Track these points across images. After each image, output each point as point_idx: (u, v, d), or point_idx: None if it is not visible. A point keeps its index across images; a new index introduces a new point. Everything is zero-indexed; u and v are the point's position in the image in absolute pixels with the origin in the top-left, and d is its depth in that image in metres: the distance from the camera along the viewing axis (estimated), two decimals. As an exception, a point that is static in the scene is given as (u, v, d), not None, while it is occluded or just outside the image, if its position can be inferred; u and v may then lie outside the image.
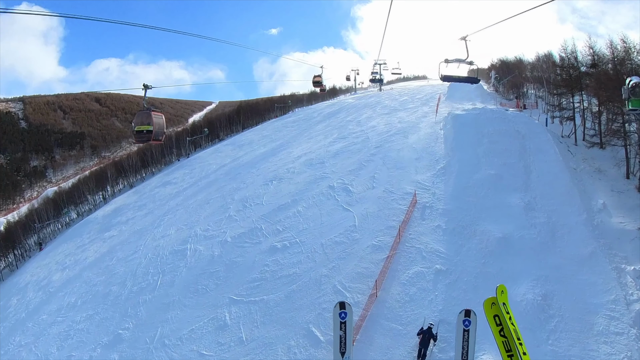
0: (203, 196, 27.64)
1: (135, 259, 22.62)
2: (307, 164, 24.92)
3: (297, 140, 34.75)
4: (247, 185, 25.51)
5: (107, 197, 46.58)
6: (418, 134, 25.31)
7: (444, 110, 31.98)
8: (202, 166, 38.45)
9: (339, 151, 25.69)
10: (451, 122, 23.50)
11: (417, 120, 29.54)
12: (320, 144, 29.42)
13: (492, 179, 17.18)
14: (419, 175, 18.85)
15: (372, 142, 25.61)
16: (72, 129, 69.29)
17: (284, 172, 25.05)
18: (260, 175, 26.71)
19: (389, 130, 27.80)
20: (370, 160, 22.19)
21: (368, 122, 32.78)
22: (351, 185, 19.49)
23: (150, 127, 12.28)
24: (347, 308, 9.12)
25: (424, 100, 39.50)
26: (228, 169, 32.81)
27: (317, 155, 26.26)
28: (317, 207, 18.32)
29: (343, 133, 30.96)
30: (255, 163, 31.18)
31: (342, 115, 40.33)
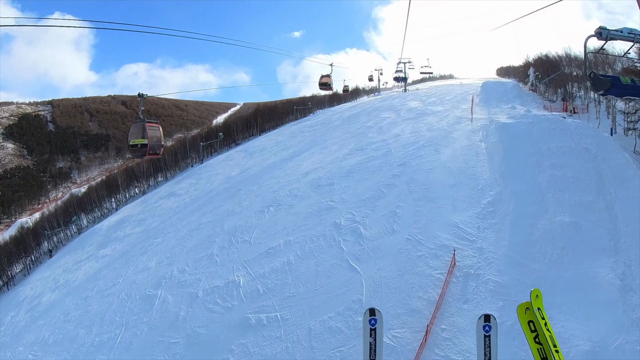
0: (196, 218, 22.72)
1: (111, 294, 18.19)
2: (314, 185, 19.34)
3: (310, 150, 29.22)
4: (242, 209, 20.26)
5: (120, 204, 43.13)
6: (452, 148, 19.10)
7: (480, 115, 25.44)
8: (209, 176, 33.69)
9: (354, 168, 19.91)
10: (496, 134, 17.13)
11: (449, 128, 23.22)
12: (334, 157, 23.72)
13: (567, 231, 10.92)
14: (457, 215, 12.83)
15: (395, 157, 19.64)
16: (97, 131, 66.72)
17: (285, 194, 19.60)
18: (259, 195, 21.39)
19: (415, 141, 21.70)
20: (391, 185, 16.29)
21: (391, 129, 26.72)
22: (363, 224, 13.74)
23: (145, 140, 11.03)
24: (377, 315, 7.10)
25: (454, 102, 32.88)
26: (232, 183, 27.76)
27: (327, 173, 20.61)
28: (314, 258, 12.72)
29: (361, 143, 25.10)
30: (260, 177, 25.93)
31: (362, 120, 34.36)
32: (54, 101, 68.92)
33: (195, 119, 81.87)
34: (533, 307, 5.84)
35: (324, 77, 20.52)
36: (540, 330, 5.77)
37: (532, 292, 5.87)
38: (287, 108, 56.40)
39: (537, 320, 5.77)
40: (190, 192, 31.49)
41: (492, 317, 6.48)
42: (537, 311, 5.81)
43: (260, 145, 39.71)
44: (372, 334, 6.84)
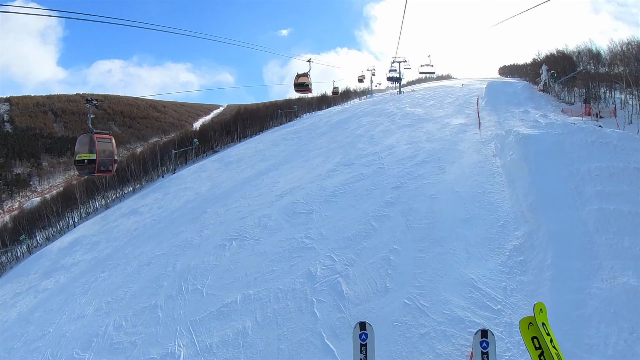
0: (151, 247, 19.35)
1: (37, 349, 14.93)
2: (289, 212, 16.05)
3: (290, 162, 26.03)
4: (202, 240, 16.91)
5: (82, 218, 39.33)
6: (460, 164, 15.99)
7: (489, 121, 22.47)
8: (177, 191, 30.30)
9: (338, 190, 16.68)
10: (517, 149, 14.00)
11: (454, 138, 20.16)
12: (316, 173, 20.51)
13: (636, 300, 7.85)
14: (473, 266, 9.64)
15: (389, 176, 16.46)
16: (63, 133, 62.21)
17: (253, 223, 16.28)
18: (224, 222, 18.07)
19: (413, 155, 18.56)
20: (384, 217, 13.06)
21: (384, 139, 23.60)
22: (346, 276, 10.49)
23: (92, 155, 9.90)
24: (368, 329, 6.41)
25: (456, 105, 29.95)
26: (199, 202, 24.42)
27: (305, 195, 17.35)
28: (277, 328, 9.41)
29: (349, 155, 21.93)
30: (230, 195, 22.64)
31: (351, 126, 31.25)
32: (12, 98, 63.78)
33: (174, 121, 78.10)
34: (537, 322, 5.49)
35: (300, 76, 17.27)
36: (545, 347, 5.45)
37: (536, 306, 5.52)
38: (271, 112, 53.16)
39: (542, 336, 5.42)
40: (153, 210, 28.12)
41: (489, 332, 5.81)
42: (542, 326, 5.46)
43: (238, 155, 36.51)
44: (362, 350, 6.47)
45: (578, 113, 22.56)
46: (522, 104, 25.49)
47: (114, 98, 69.01)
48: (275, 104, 57.75)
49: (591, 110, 21.70)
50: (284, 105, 55.19)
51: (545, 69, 28.30)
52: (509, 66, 54.02)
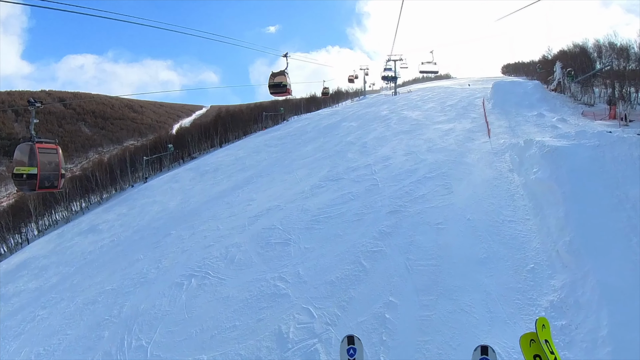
0: (100, 280, 16.83)
1: None
2: (262, 242, 13.68)
3: (270, 174, 23.71)
4: (158, 274, 14.48)
5: (41, 232, 36.44)
6: (469, 182, 13.81)
7: (499, 127, 20.45)
8: (144, 206, 27.76)
9: (322, 213, 14.37)
10: (543, 165, 11.85)
11: (460, 148, 18.05)
12: (298, 189, 18.21)
13: None
14: (497, 334, 7.37)
15: (384, 197, 14.21)
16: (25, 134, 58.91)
17: (219, 254, 13.87)
18: (186, 251, 15.64)
19: (413, 169, 16.36)
20: (377, 254, 10.78)
21: (378, 148, 21.42)
22: (327, 343, 8.14)
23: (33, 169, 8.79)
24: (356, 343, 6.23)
25: (459, 108, 27.96)
26: (164, 221, 21.96)
27: (283, 219, 14.99)
28: None
29: (337, 168, 19.69)
30: (199, 214, 20.22)
31: (341, 132, 29.08)
32: (-36, 94, 60.43)
33: (152, 123, 75.23)
34: (539, 338, 4.98)
35: (276, 75, 14.89)
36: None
37: (538, 322, 4.98)
38: (255, 114, 50.73)
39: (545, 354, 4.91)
40: (114, 228, 25.55)
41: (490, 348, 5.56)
42: (545, 344, 4.97)
43: (216, 162, 34.08)
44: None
45: (601, 116, 20.61)
46: (535, 106, 23.54)
47: (86, 96, 65.83)
48: (261, 105, 55.35)
49: (617, 112, 19.72)
50: (269, 107, 52.84)
51: (559, 66, 26.39)
52: (513, 64, 52.44)
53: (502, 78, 47.85)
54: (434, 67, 36.74)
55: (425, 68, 36.97)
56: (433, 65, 36.41)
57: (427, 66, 36.73)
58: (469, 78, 63.12)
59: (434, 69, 37.17)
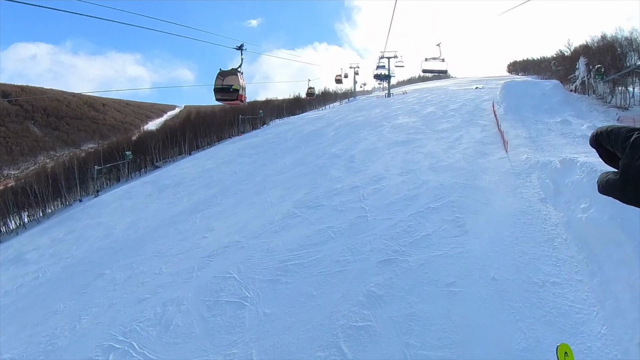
0: (8, 338, 13.74)
1: None
2: (210, 298, 10.78)
3: (238, 193, 20.89)
4: (69, 344, 11.46)
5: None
6: (489, 216, 11.12)
7: (516, 137, 17.94)
8: (85, 229, 24.58)
9: (293, 258, 11.54)
10: (596, 199, 9.14)
11: (471, 165, 15.41)
12: (267, 218, 15.36)
13: None
14: None
15: (375, 237, 11.44)
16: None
17: (150, 319, 10.90)
18: (112, 306, 12.64)
19: (412, 195, 13.65)
20: (363, 330, 7.99)
21: (368, 163, 18.73)
22: None
23: None
24: None
25: (464, 113, 25.49)
26: (99, 255, 18.91)
27: (242, 263, 12.12)
28: None
29: (317, 190, 16.90)
30: (142, 247, 17.25)
31: (326, 141, 26.41)
32: None
33: (116, 123, 71.49)
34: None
35: (225, 75, 11.98)
36: None
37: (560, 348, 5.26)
38: (231, 117, 47.66)
39: None
40: (44, 259, 22.45)
41: None
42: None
43: (179, 175, 31.11)
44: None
45: (639, 122, 18.27)
46: (557, 111, 21.13)
47: (36, 91, 61.54)
48: (237, 107, 52.21)
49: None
50: (247, 109, 49.82)
51: (583, 62, 24.04)
52: (521, 62, 50.31)
53: (508, 77, 45.78)
54: (441, 64, 30.38)
55: (430, 66, 30.64)
56: (440, 62, 30.12)
57: (432, 64, 30.48)
58: (470, 78, 61.19)
59: (441, 67, 30.70)
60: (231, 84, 11.96)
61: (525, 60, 49.47)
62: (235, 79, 11.94)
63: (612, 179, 0.79)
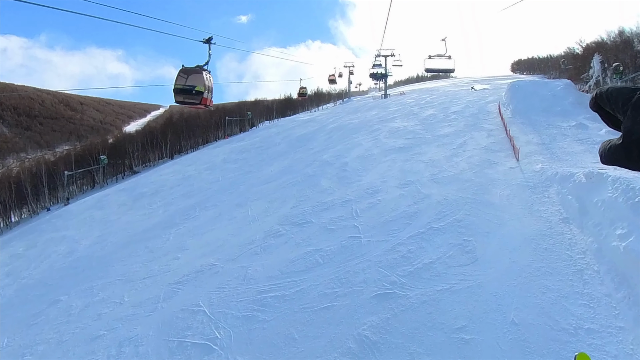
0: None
1: None
2: (173, 338, 9.41)
3: (219, 204, 19.63)
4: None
5: None
6: (502, 240, 9.86)
7: (527, 143, 16.79)
8: (47, 244, 23.09)
9: (273, 288, 10.21)
10: (635, 222, 8.05)
11: (478, 176, 14.19)
12: (247, 236, 14.05)
13: None
14: None
15: (369, 263, 10.14)
16: None
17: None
18: (61, 345, 11.22)
19: (412, 211, 12.38)
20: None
21: (362, 172, 17.50)
22: None
23: None
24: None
25: (467, 116, 24.40)
26: (61, 275, 17.54)
27: (215, 292, 10.79)
28: None
29: (305, 203, 15.60)
30: (107, 268, 15.85)
31: (317, 146, 25.23)
32: None
33: (95, 124, 69.72)
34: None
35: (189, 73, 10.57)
36: None
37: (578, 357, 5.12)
38: (217, 118, 46.22)
39: None
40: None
41: None
42: None
43: (158, 182, 29.77)
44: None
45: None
46: (570, 114, 20.07)
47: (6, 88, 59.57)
48: (224, 108, 50.70)
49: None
50: (234, 110, 48.40)
51: (598, 60, 22.94)
52: (526, 60, 49.38)
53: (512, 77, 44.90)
54: (447, 62, 27.04)
55: (435, 64, 27.41)
56: (446, 59, 26.75)
57: (437, 62, 27.19)
58: (471, 78, 60.31)
59: (448, 65, 27.35)
60: (194, 84, 10.62)
61: (530, 59, 48.67)
62: (200, 79, 10.61)
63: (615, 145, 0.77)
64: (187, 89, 10.61)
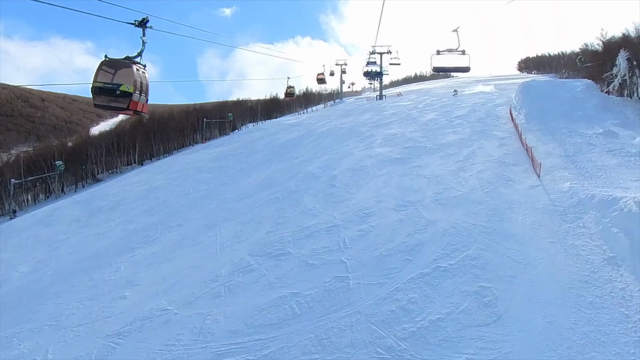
0: None
1: None
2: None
3: (183, 224, 17.83)
4: None
5: None
6: (531, 290, 8.11)
7: (549, 156, 15.23)
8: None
9: (238, 348, 8.34)
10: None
11: (493, 199, 12.47)
12: (208, 271, 12.21)
13: None
14: None
15: (358, 320, 8.31)
16: None
17: None
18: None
19: (413, 246, 10.59)
20: None
21: (353, 190, 15.76)
22: None
23: None
24: None
25: (474, 121, 22.86)
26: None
27: (162, 350, 8.92)
28: None
29: (284, 228, 13.79)
30: (39, 307, 13.83)
31: (303, 154, 23.57)
32: None
33: (58, 123, 67.04)
34: None
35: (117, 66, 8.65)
36: None
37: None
38: (194, 120, 44.28)
39: None
40: None
41: None
42: None
43: (121, 193, 27.86)
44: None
45: None
46: (595, 119, 18.62)
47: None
48: (202, 109, 48.67)
49: None
50: (214, 110, 46.49)
51: (624, 57, 21.55)
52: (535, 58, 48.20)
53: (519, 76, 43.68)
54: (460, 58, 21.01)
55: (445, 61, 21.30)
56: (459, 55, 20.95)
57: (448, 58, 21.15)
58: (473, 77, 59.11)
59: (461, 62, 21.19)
60: (120, 82, 8.61)
61: (539, 57, 47.58)
62: (129, 75, 8.60)
63: None
64: (108, 88, 8.56)
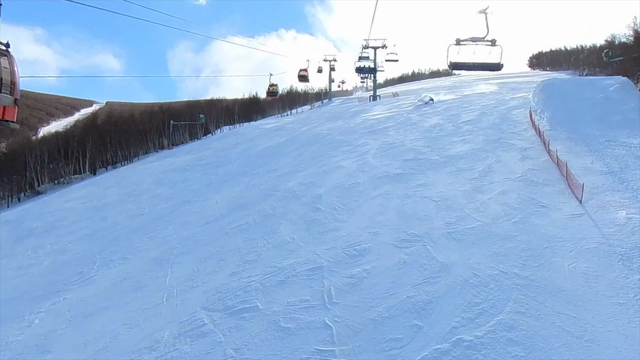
0: None
1: None
2: None
3: (127, 258, 15.70)
4: None
5: None
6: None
7: (586, 172, 13.34)
8: None
9: None
10: None
11: (522, 233, 10.35)
12: (148, 335, 9.88)
13: None
14: None
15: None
16: None
17: None
18: None
19: (422, 301, 8.30)
20: None
21: (342, 216, 13.67)
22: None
23: None
24: None
25: (486, 127, 21.03)
26: None
27: None
28: None
29: (252, 270, 11.58)
30: None
31: (283, 167, 21.71)
32: None
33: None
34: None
35: None
36: None
37: None
38: (158, 122, 42.00)
39: None
40: None
41: None
42: None
43: (59, 212, 25.85)
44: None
45: None
46: (635, 123, 16.88)
47: None
48: (170, 108, 46.27)
49: None
50: (184, 110, 44.19)
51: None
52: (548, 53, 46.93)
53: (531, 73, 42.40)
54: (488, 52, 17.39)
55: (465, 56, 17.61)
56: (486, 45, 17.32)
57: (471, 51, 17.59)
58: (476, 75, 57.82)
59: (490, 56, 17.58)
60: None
61: (554, 52, 46.41)
62: None
63: None
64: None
